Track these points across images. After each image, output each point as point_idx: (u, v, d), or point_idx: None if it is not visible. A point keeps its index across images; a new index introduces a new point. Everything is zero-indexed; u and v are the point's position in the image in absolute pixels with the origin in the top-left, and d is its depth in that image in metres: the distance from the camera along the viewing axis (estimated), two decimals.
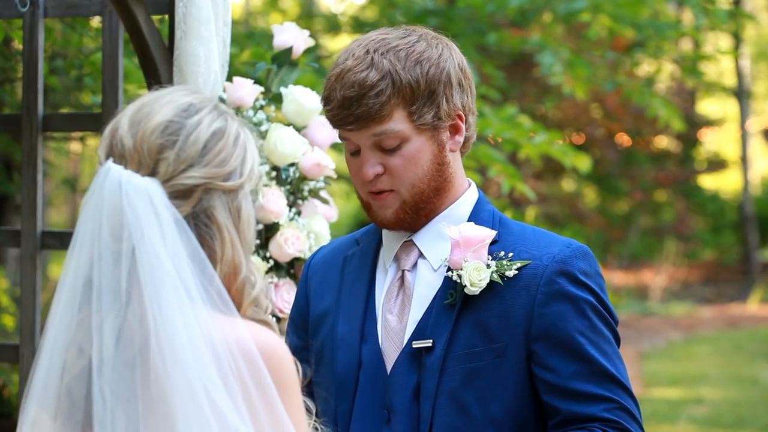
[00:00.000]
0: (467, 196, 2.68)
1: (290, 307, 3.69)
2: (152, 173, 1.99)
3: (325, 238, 3.77)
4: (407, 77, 2.53)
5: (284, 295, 3.72)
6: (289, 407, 1.97)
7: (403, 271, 2.63)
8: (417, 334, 2.57)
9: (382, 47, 2.56)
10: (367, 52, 2.56)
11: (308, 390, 2.29)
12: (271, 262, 3.74)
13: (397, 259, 2.66)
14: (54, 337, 1.97)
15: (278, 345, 2.00)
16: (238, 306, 2.02)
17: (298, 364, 2.04)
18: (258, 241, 3.74)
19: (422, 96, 2.55)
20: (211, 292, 1.96)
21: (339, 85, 2.54)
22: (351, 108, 2.53)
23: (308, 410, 2.08)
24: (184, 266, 1.94)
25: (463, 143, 2.66)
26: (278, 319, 3.74)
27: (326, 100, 2.58)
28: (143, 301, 1.93)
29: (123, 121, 2.03)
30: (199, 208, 2.00)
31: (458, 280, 2.54)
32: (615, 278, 18.61)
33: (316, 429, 2.24)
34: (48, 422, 1.98)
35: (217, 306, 1.96)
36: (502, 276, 2.54)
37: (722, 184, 22.93)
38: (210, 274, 1.96)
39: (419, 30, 2.63)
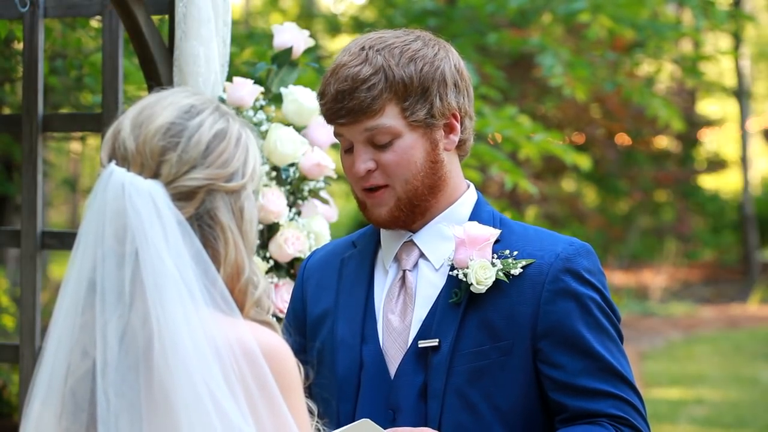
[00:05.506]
0: (466, 197, 2.68)
1: None
2: (155, 175, 1.99)
3: (325, 238, 3.77)
4: (401, 73, 2.55)
5: (284, 295, 3.72)
6: (291, 408, 1.97)
7: (404, 271, 2.64)
8: (422, 334, 2.57)
9: (377, 44, 2.58)
10: (362, 48, 2.58)
11: (308, 392, 2.30)
12: (271, 262, 3.74)
13: (397, 259, 2.66)
14: (58, 340, 1.98)
15: (281, 346, 2.00)
16: (241, 307, 2.02)
17: (301, 365, 2.04)
18: (258, 241, 3.74)
19: (415, 93, 2.56)
20: (214, 294, 1.96)
21: (333, 79, 2.57)
22: (344, 101, 2.54)
23: (311, 411, 2.08)
24: (187, 268, 1.94)
25: (460, 146, 2.66)
26: (278, 319, 3.74)
27: (321, 95, 2.60)
28: (146, 303, 1.93)
29: (125, 123, 2.04)
30: (202, 210, 2.01)
31: (464, 279, 2.55)
32: (615, 278, 18.59)
33: (319, 430, 2.24)
34: (52, 424, 1.98)
35: (219, 307, 1.96)
36: (507, 274, 2.54)
37: (722, 184, 22.93)
38: (213, 276, 1.97)
39: (418, 32, 2.65)
